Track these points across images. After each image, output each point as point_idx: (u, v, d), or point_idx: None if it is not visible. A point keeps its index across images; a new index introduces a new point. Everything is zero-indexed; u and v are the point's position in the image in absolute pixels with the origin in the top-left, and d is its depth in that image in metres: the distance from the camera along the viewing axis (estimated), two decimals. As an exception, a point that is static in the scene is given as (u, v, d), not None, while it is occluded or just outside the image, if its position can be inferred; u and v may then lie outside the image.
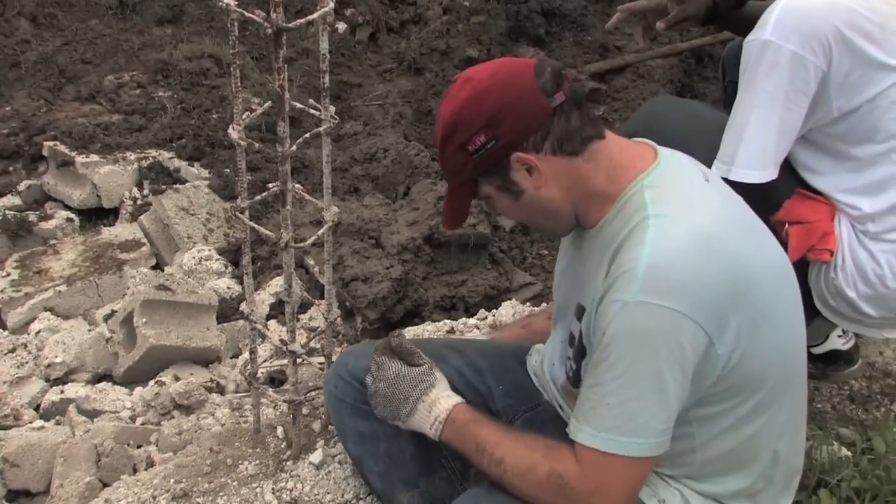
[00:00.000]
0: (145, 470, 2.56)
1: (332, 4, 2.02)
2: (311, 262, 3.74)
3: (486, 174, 1.81)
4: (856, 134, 2.33)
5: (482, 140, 1.76)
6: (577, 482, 1.71)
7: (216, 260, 3.82)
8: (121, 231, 4.12)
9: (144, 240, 4.06)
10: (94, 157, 4.44)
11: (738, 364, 1.70)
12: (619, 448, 1.68)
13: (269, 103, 2.14)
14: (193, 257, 3.81)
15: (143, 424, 2.84)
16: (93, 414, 2.89)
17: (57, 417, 2.91)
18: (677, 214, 1.71)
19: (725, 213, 1.79)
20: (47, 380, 3.18)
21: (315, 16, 1.99)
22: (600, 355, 1.69)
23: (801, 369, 1.90)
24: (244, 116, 2.09)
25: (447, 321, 3.22)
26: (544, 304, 3.30)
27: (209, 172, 4.48)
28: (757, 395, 1.77)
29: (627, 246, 1.70)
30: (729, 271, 1.67)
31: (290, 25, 1.85)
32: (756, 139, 2.32)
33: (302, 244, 2.18)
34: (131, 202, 4.37)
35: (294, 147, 2.03)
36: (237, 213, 2.19)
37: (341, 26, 5.88)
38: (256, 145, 2.07)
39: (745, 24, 2.45)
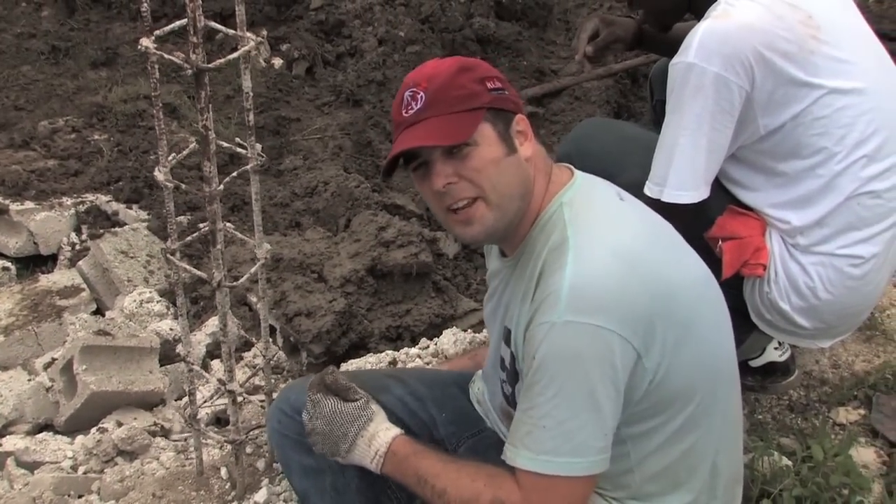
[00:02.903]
0: (87, 520, 2.53)
1: (252, 43, 2.02)
2: (253, 299, 3.72)
3: (496, 113, 1.79)
4: (782, 150, 2.39)
5: (498, 84, 1.81)
6: None
7: (157, 302, 3.77)
8: (59, 278, 4.06)
9: (84, 285, 4.00)
10: (30, 205, 4.37)
11: (664, 378, 1.72)
12: (559, 469, 1.69)
13: (193, 144, 2.13)
14: (134, 300, 3.75)
15: (85, 473, 2.78)
16: (33, 466, 2.83)
17: (-5, 472, 2.85)
18: (596, 233, 1.75)
19: (642, 230, 1.83)
20: (-16, 434, 3.11)
21: (236, 54, 1.99)
22: (532, 378, 1.70)
23: (730, 382, 1.93)
24: (170, 158, 2.08)
25: (389, 352, 3.22)
26: (464, 339, 3.31)
27: (148, 214, 4.43)
28: (686, 409, 1.79)
29: (550, 269, 1.72)
30: (650, 285, 1.70)
31: (210, 66, 1.85)
32: (686, 160, 2.36)
33: (234, 283, 2.16)
34: (69, 248, 4.30)
35: (221, 186, 2.02)
36: (168, 256, 2.17)
37: (277, 61, 5.88)
38: (183, 186, 2.06)
39: (671, 46, 2.49)
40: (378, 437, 1.93)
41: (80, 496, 2.66)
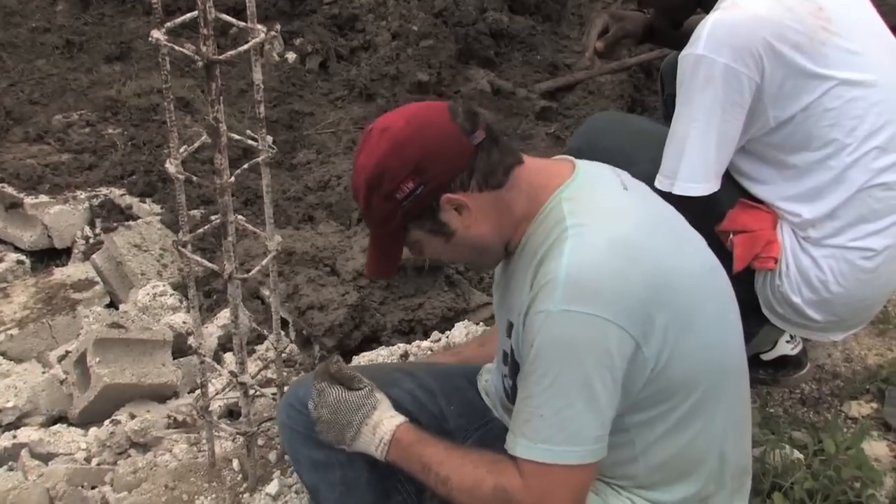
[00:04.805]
0: (100, 511, 2.54)
1: (263, 35, 2.03)
2: (266, 292, 3.73)
3: (416, 219, 1.84)
4: (792, 143, 2.38)
5: (410, 186, 1.78)
6: (521, 495, 1.73)
7: (171, 295, 3.78)
8: (73, 271, 4.08)
9: (98, 279, 4.02)
10: (44, 198, 4.38)
11: (666, 366, 1.73)
12: (555, 457, 1.71)
13: (204, 136, 2.14)
14: (148, 293, 3.77)
15: (98, 465, 2.80)
16: (47, 457, 2.85)
17: (9, 463, 2.86)
18: (595, 223, 1.76)
19: (644, 220, 1.83)
20: (-1, 426, 3.13)
21: (247, 46, 1.99)
22: (529, 367, 1.72)
23: (737, 372, 1.94)
24: (181, 150, 2.08)
25: (401, 345, 3.22)
26: (476, 331, 3.31)
27: (161, 208, 4.44)
28: (690, 397, 1.80)
29: (548, 258, 1.74)
30: (648, 275, 1.71)
31: (220, 58, 1.85)
32: (696, 153, 2.35)
33: (245, 275, 2.17)
34: (83, 241, 4.32)
35: (232, 178, 2.03)
36: (179, 248, 2.18)
37: (291, 56, 5.88)
38: (194, 178, 2.07)
39: (682, 39, 2.48)
40: (382, 425, 1.95)
41: (93, 487, 2.68)
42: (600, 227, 1.75)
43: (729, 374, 1.89)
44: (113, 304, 3.96)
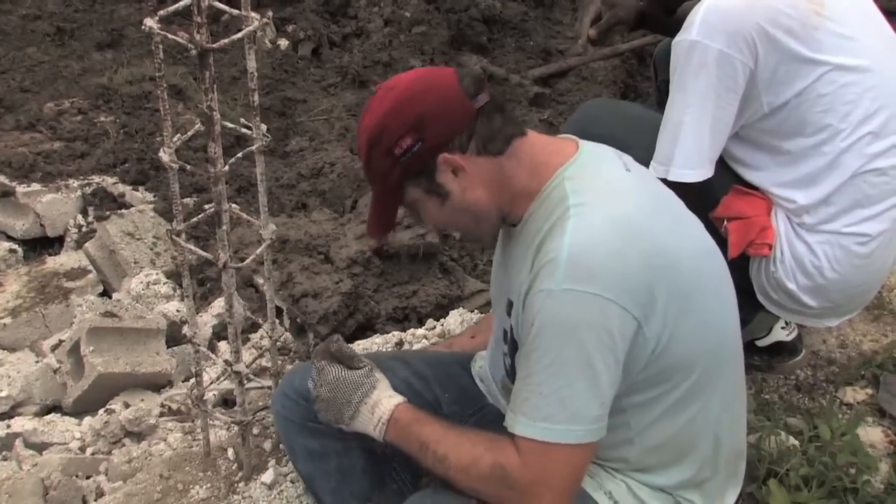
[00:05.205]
0: (95, 501, 2.53)
1: (257, 23, 2.02)
2: (260, 280, 3.72)
3: (413, 177, 1.84)
4: (786, 128, 2.37)
5: (409, 142, 1.79)
6: (519, 472, 1.73)
7: (164, 283, 3.78)
8: (66, 259, 4.07)
9: (90, 267, 4.01)
10: (36, 186, 4.37)
11: (666, 348, 1.74)
12: (555, 436, 1.70)
13: (198, 124, 2.13)
14: (141, 282, 3.76)
15: (93, 454, 2.80)
16: (41, 447, 2.84)
17: (3, 453, 2.85)
18: (597, 203, 1.76)
19: (646, 201, 1.83)
20: (-8, 415, 3.12)
21: (240, 34, 1.98)
22: (530, 346, 1.72)
23: (733, 355, 1.94)
24: (175, 139, 2.07)
25: (396, 333, 3.22)
26: (471, 319, 3.31)
27: (154, 196, 4.43)
28: (687, 380, 1.80)
29: (550, 237, 1.74)
30: (649, 255, 1.71)
31: (214, 46, 1.84)
32: (691, 139, 2.35)
33: (240, 264, 2.16)
34: (76, 230, 4.31)
35: (226, 167, 2.02)
36: (173, 237, 2.17)
37: (283, 43, 5.86)
38: (188, 167, 2.06)
39: (675, 25, 2.48)
40: (381, 405, 1.95)
41: (87, 477, 2.67)
42: (602, 206, 1.75)
43: (726, 357, 1.90)
44: (106, 293, 3.95)
